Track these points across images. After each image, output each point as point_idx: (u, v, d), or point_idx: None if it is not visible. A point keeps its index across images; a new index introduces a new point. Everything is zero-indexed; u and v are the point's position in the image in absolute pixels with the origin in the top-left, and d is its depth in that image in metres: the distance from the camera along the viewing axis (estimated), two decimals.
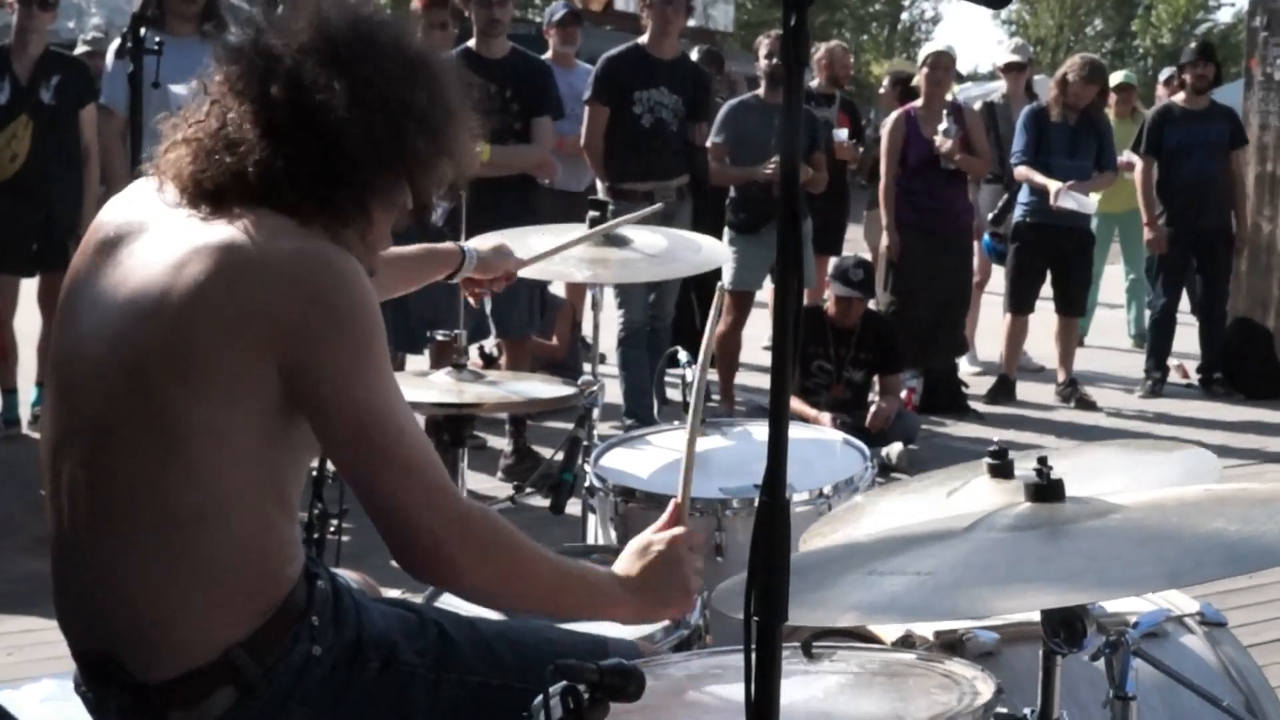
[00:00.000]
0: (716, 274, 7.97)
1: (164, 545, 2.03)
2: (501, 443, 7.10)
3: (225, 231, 2.02)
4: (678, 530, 2.31)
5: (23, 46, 7.09)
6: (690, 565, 2.27)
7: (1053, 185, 8.50)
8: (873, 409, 7.25)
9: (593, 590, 2.22)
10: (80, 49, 9.20)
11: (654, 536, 2.28)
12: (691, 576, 2.27)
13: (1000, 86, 10.78)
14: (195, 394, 1.98)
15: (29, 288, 7.55)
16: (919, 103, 8.80)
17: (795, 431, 3.43)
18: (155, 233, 2.10)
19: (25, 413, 7.58)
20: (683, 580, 2.25)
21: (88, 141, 7.12)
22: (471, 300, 3.31)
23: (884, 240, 8.83)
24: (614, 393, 7.55)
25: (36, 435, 7.25)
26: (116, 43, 5.50)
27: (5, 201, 7.13)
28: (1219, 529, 1.97)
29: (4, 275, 7.36)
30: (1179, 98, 9.63)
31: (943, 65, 8.88)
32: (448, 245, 3.15)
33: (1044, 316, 9.44)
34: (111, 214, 2.22)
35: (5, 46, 7.14)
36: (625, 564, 2.27)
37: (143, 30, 4.04)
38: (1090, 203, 8.68)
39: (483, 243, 3.22)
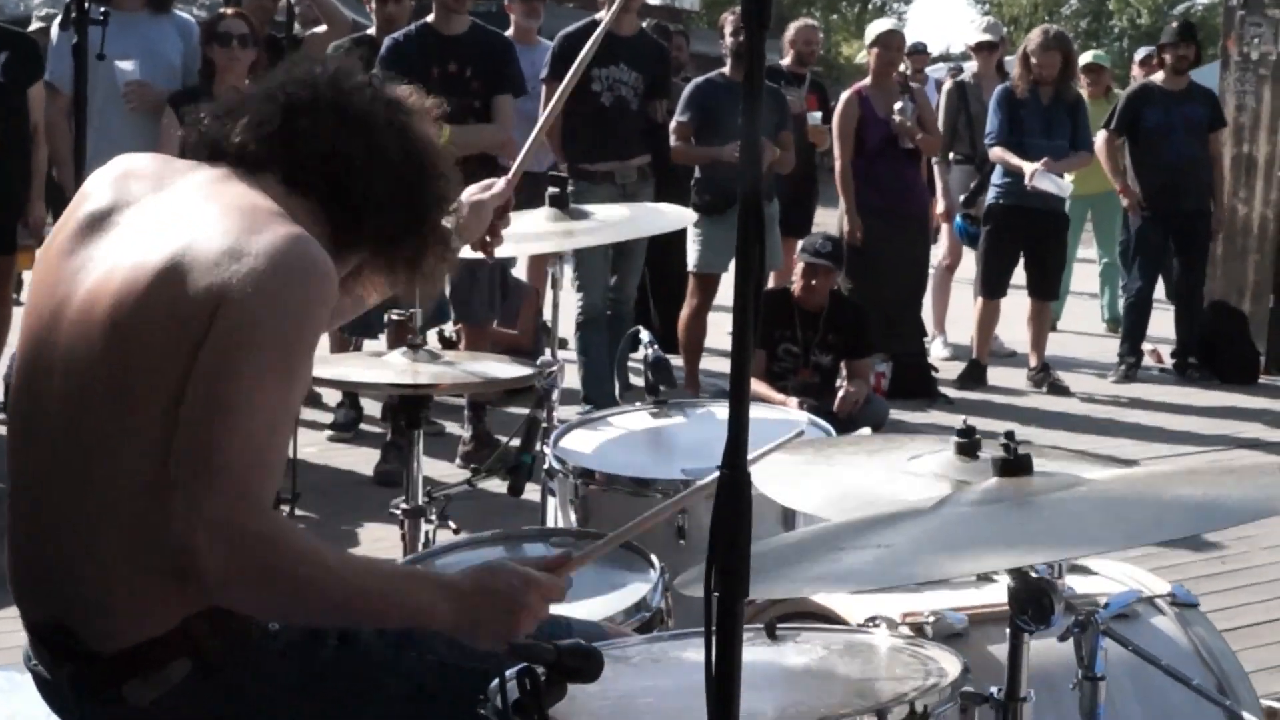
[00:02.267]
0: (677, 260, 8.09)
1: (123, 515, 2.03)
2: (460, 429, 7.07)
3: (200, 234, 2.04)
4: (543, 578, 2.15)
5: None
6: (527, 618, 2.10)
7: (1028, 166, 8.55)
8: (841, 393, 7.26)
9: (403, 601, 2.09)
10: (34, 25, 9.13)
11: (513, 570, 2.15)
12: (520, 627, 2.08)
13: (971, 66, 10.80)
14: (158, 378, 2.00)
15: None
16: (868, 81, 8.80)
17: (760, 412, 3.47)
18: (133, 217, 2.13)
19: None
20: (509, 627, 2.07)
21: (35, 121, 7.05)
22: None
23: (845, 223, 8.84)
24: (574, 378, 7.57)
25: None
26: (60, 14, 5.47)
27: None
28: (1183, 494, 2.00)
29: None
30: (1158, 77, 9.66)
31: (894, 44, 8.91)
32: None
33: (1016, 300, 9.49)
34: (94, 184, 2.24)
35: None
36: (469, 577, 2.15)
37: (87, 2, 4.02)
38: (1066, 184, 8.72)
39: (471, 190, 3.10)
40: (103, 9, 4.06)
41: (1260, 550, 5.82)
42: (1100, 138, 9.49)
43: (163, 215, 2.10)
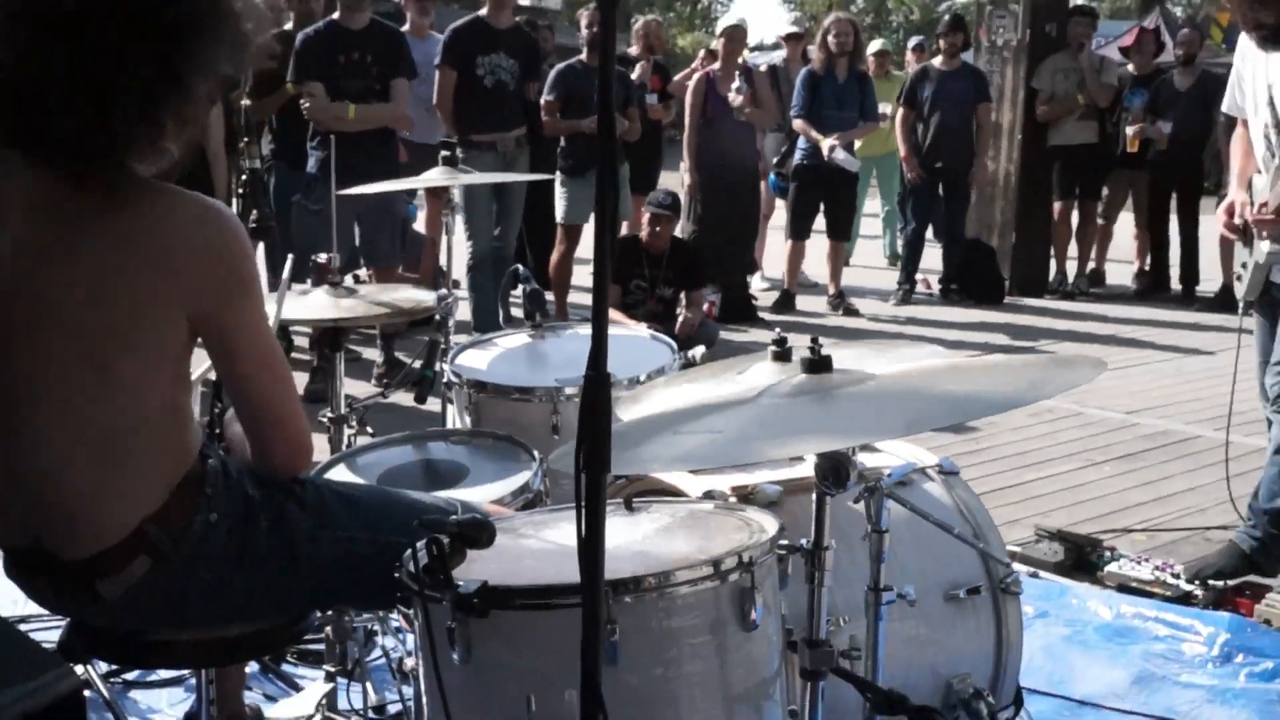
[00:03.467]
0: (547, 213, 8.08)
1: (86, 443, 2.01)
2: (375, 355, 7.01)
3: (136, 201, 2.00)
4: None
5: None
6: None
7: (825, 143, 8.65)
8: (680, 319, 7.30)
9: None
10: None
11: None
12: None
13: (781, 53, 10.85)
14: (123, 332, 1.98)
15: None
16: (716, 66, 8.85)
17: (614, 331, 3.47)
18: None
19: None
20: None
21: None
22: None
23: (687, 178, 8.91)
24: (466, 313, 7.54)
25: None
26: None
27: None
28: (949, 389, 2.05)
29: None
30: (937, 60, 9.81)
31: (737, 36, 8.99)
32: None
33: (817, 242, 9.56)
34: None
35: None
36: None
37: None
38: (855, 162, 8.89)
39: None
40: None
41: (1005, 431, 6.01)
42: (899, 113, 9.64)
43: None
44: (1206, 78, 9.45)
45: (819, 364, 2.06)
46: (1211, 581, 3.97)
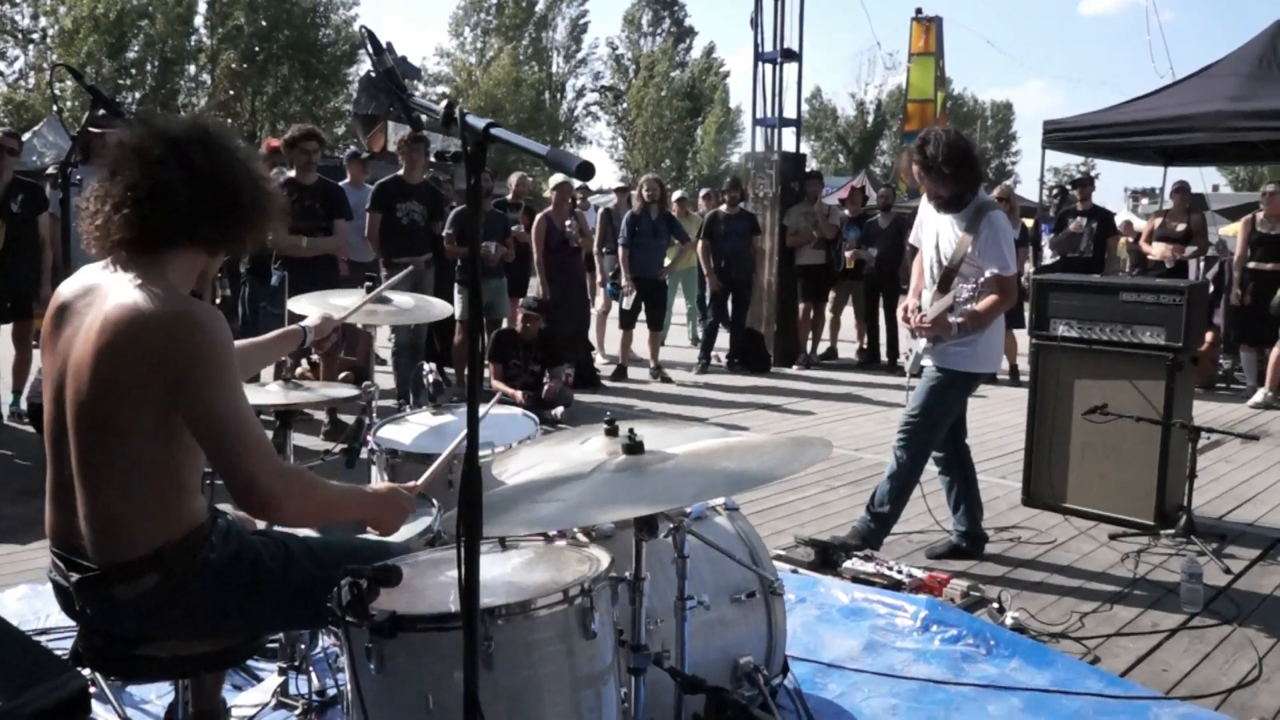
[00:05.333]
0: (450, 317, 7.94)
1: (117, 483, 1.92)
2: (323, 416, 6.76)
3: (128, 301, 1.89)
4: (410, 487, 2.19)
5: None
6: (405, 508, 2.13)
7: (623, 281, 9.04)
8: (546, 386, 7.22)
9: (347, 505, 2.06)
10: (51, 169, 8.52)
11: (400, 486, 2.16)
12: (402, 515, 2.13)
13: (613, 198, 10.91)
14: (122, 409, 1.88)
15: (4, 331, 6.83)
16: (550, 209, 8.74)
17: (497, 410, 3.38)
18: (90, 304, 1.97)
19: (5, 410, 6.83)
20: (397, 516, 2.12)
21: (42, 236, 6.54)
22: (317, 353, 3.14)
23: (541, 290, 8.80)
24: (388, 384, 7.33)
25: (12, 425, 6.62)
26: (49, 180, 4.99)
27: None
28: (725, 466, 2.03)
29: None
30: (723, 207, 9.92)
31: (565, 188, 8.86)
32: (293, 328, 2.86)
33: (641, 330, 9.57)
34: (64, 287, 2.08)
35: None
36: (377, 488, 2.15)
37: (70, 167, 3.68)
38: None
39: (312, 320, 2.95)
40: (78, 176, 3.71)
41: None
42: (700, 245, 9.73)
43: (112, 297, 1.92)
44: (900, 218, 9.80)
45: (634, 447, 2.03)
46: (913, 573, 4.03)
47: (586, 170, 1.37)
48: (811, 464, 1.96)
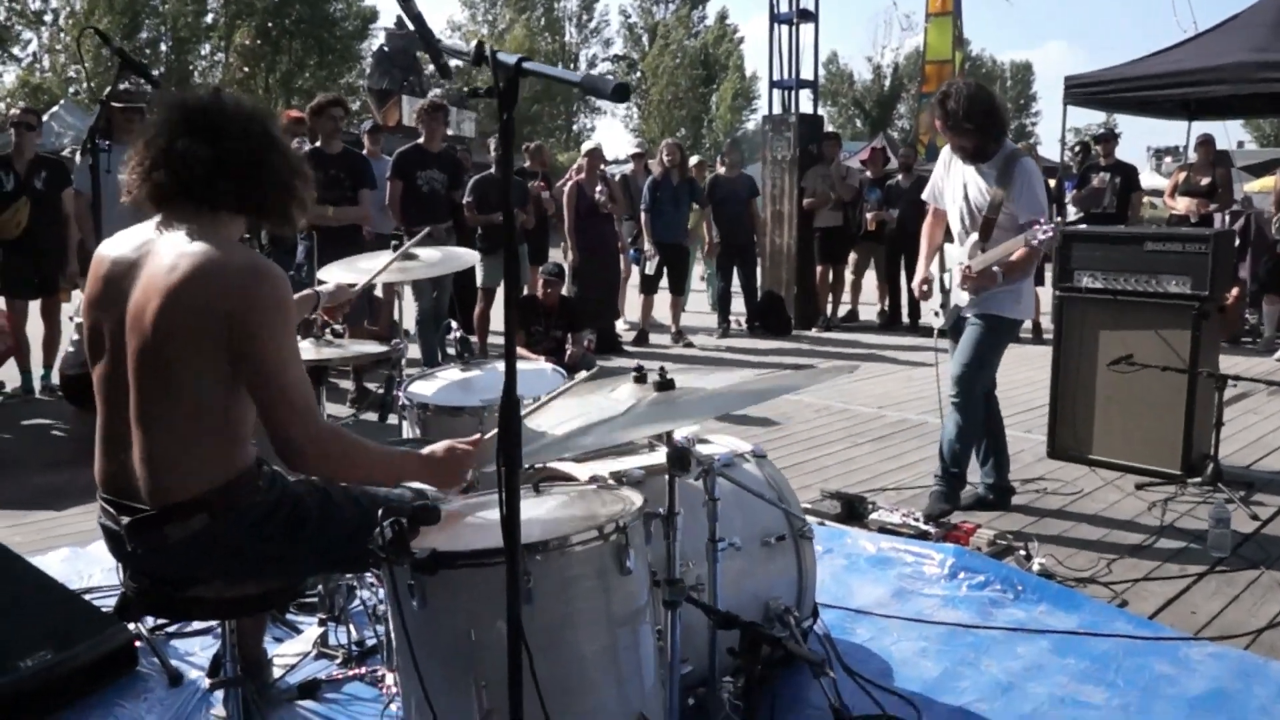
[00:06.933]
0: (471, 280, 8.00)
1: (179, 432, 1.95)
2: (349, 385, 6.83)
3: (195, 249, 1.93)
4: (469, 442, 2.17)
5: (20, 154, 6.54)
6: (466, 464, 2.13)
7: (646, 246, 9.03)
8: (568, 352, 7.25)
9: (401, 468, 2.09)
10: (65, 152, 8.56)
11: (456, 442, 2.15)
12: (463, 471, 2.14)
13: (630, 166, 10.89)
14: (185, 355, 1.91)
15: (33, 307, 6.89)
16: (582, 176, 8.83)
17: (524, 365, 3.42)
18: (146, 256, 2.00)
19: (36, 384, 6.95)
20: (457, 472, 2.13)
21: (67, 213, 6.60)
22: (330, 319, 3.18)
23: (570, 255, 8.87)
24: (414, 353, 7.38)
25: (44, 398, 6.73)
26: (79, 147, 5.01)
27: (14, 253, 6.59)
28: (750, 388, 2.06)
29: (17, 300, 6.77)
30: (722, 170, 9.90)
31: (596, 155, 8.96)
32: (307, 292, 2.92)
33: (664, 295, 9.59)
34: (106, 248, 2.11)
35: (8, 155, 6.58)
36: (434, 448, 2.14)
37: (96, 137, 3.72)
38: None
39: (327, 286, 3.00)
40: (106, 142, 3.75)
41: (798, 424, 6.08)
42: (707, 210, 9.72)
43: (175, 247, 1.95)
44: (921, 179, 9.71)
45: (666, 385, 2.05)
46: (941, 520, 4.06)
47: (623, 91, 1.38)
48: (835, 377, 2.01)
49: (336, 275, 3.33)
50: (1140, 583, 3.56)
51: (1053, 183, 9.89)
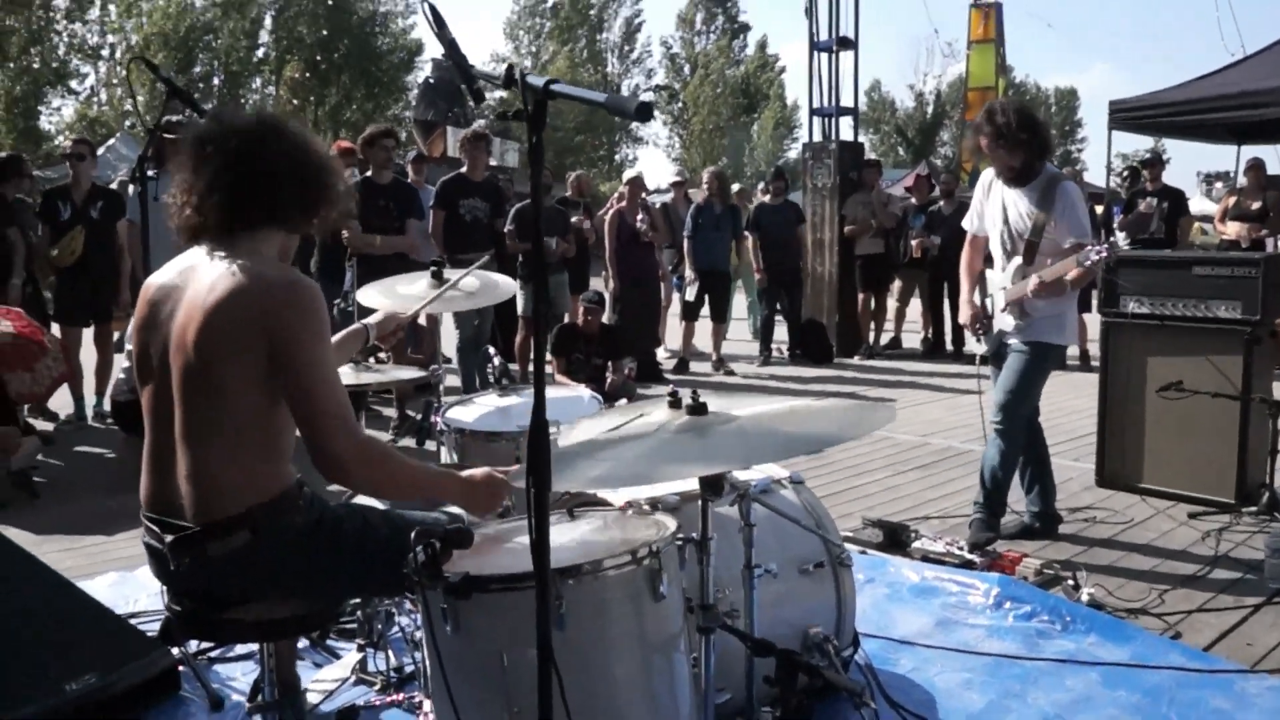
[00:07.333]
0: (513, 309, 8.06)
1: (222, 450, 1.99)
2: (391, 412, 6.89)
3: (235, 269, 1.99)
4: (507, 472, 2.22)
5: (77, 184, 6.74)
6: (502, 493, 2.18)
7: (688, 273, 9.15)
8: (609, 380, 7.26)
9: (442, 486, 2.14)
10: (116, 183, 8.82)
11: (495, 470, 2.20)
12: (500, 498, 2.18)
13: (671, 194, 10.94)
14: (227, 371, 1.95)
15: (86, 334, 7.06)
16: (624, 204, 8.88)
17: (563, 392, 3.42)
18: (189, 280, 2.06)
19: (89, 411, 7.10)
20: (494, 499, 2.17)
21: (121, 243, 6.78)
22: (384, 348, 3.19)
23: (611, 283, 8.91)
24: (453, 380, 7.43)
25: (96, 425, 6.87)
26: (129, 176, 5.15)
27: (70, 281, 6.78)
28: (786, 430, 2.03)
29: (71, 327, 6.90)
30: (767, 198, 9.91)
31: (637, 183, 9.01)
32: (356, 327, 2.94)
33: (704, 322, 9.58)
34: (155, 278, 2.18)
35: (66, 185, 6.80)
36: (473, 473, 2.18)
37: (146, 166, 3.83)
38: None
39: (375, 318, 2.99)
40: (153, 171, 3.85)
41: (839, 450, 6.00)
42: (750, 238, 9.70)
43: (216, 269, 2.02)
44: (963, 205, 9.61)
45: (698, 409, 2.03)
46: (987, 549, 3.99)
47: (645, 111, 1.39)
48: (876, 428, 1.96)
49: (373, 297, 3.35)
50: (1194, 614, 3.46)
51: (1099, 209, 9.77)
